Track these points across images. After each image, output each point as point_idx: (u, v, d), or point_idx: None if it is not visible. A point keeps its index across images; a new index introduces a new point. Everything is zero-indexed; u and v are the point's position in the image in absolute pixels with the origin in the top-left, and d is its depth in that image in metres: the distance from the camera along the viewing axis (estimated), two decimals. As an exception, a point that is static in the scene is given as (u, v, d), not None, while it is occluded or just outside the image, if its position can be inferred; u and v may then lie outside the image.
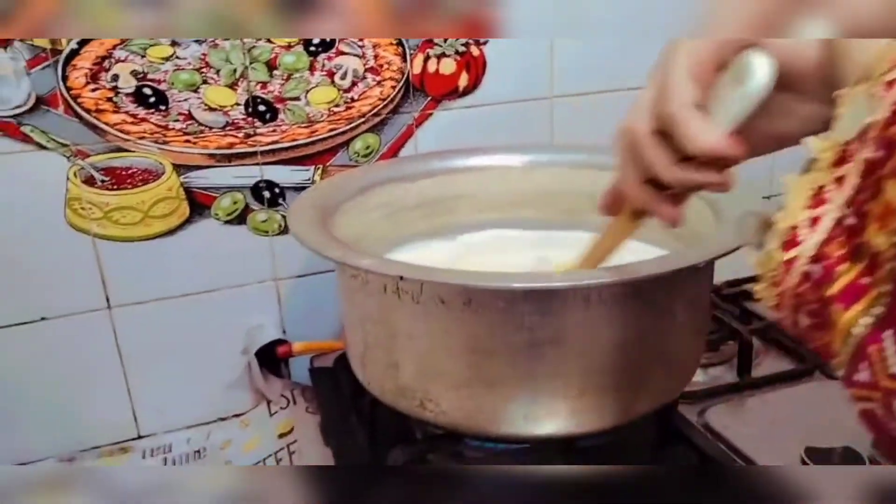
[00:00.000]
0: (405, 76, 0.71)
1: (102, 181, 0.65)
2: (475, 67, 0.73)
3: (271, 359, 0.72)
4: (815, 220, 0.28)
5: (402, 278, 0.43)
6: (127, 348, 0.70)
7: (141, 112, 0.65)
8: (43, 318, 0.67)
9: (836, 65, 0.31)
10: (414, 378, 0.48)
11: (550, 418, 0.46)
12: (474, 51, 0.73)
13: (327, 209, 0.57)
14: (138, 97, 0.64)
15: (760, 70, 0.32)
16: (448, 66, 0.72)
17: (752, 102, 0.32)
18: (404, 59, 0.71)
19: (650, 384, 0.48)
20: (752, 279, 0.47)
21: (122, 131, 0.65)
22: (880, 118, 0.26)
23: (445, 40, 0.71)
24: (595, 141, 0.76)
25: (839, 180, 0.28)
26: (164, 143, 0.66)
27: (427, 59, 0.72)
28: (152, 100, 0.65)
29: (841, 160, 0.28)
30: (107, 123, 0.64)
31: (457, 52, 0.72)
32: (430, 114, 0.73)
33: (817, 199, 0.28)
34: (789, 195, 0.29)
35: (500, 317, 0.44)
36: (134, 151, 0.66)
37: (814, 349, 0.29)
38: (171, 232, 0.69)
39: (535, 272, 0.42)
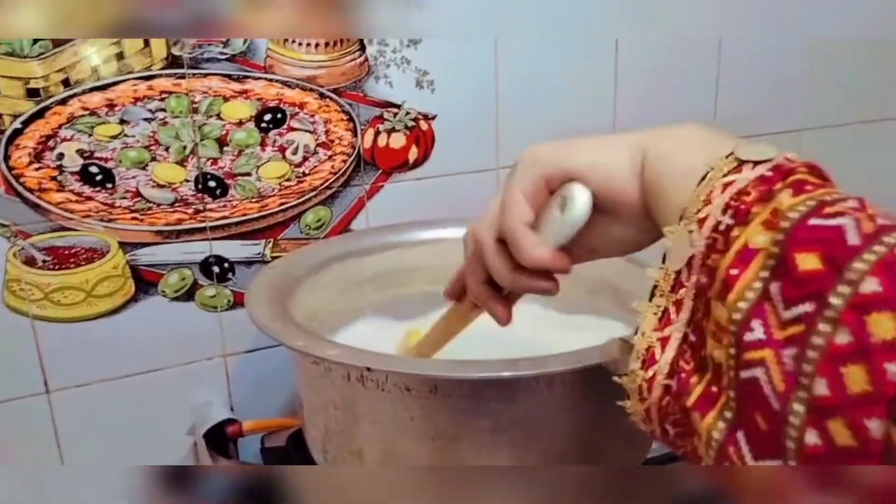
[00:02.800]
0: (356, 150, 0.72)
1: (44, 261, 0.63)
2: (424, 141, 0.75)
3: (219, 439, 0.70)
4: (665, 340, 0.33)
5: (369, 369, 0.43)
6: (66, 433, 0.67)
7: (86, 190, 0.63)
8: (-25, 406, 0.63)
9: (653, 201, 0.36)
10: (378, 464, 0.48)
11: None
12: (423, 125, 0.74)
13: (284, 288, 0.56)
14: (84, 175, 0.63)
15: (580, 202, 0.36)
16: (398, 140, 0.74)
17: (572, 228, 0.37)
18: (355, 134, 0.72)
19: (610, 458, 0.49)
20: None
21: (65, 210, 0.63)
22: (699, 250, 0.31)
23: (395, 115, 0.73)
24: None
25: (678, 304, 0.32)
26: (110, 220, 0.65)
27: (377, 133, 0.73)
28: (99, 178, 0.63)
29: (676, 286, 0.33)
30: (50, 202, 0.62)
31: (406, 127, 0.74)
32: (381, 186, 0.74)
33: (664, 321, 0.33)
34: (641, 320, 0.34)
35: (464, 403, 0.44)
36: (78, 230, 0.64)
37: (682, 455, 0.33)
38: (115, 311, 0.67)
39: (500, 360, 0.43)
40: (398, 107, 0.73)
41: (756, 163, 0.31)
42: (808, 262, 0.27)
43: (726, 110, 0.87)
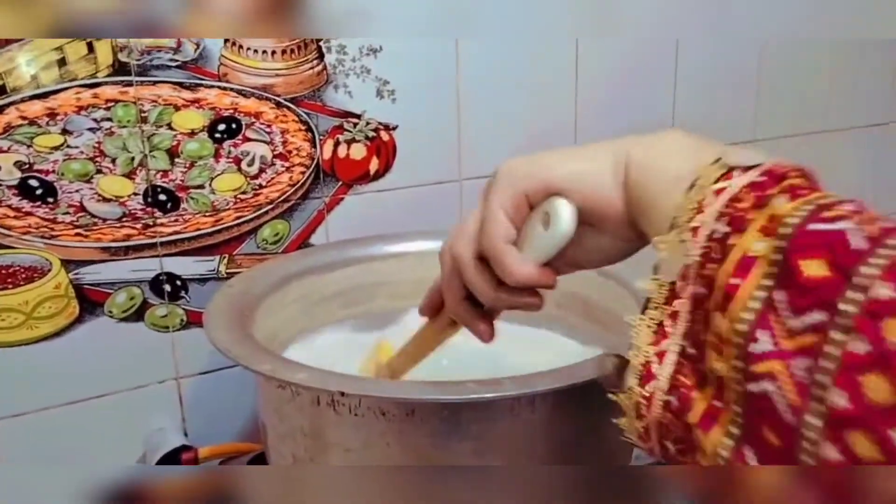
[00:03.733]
0: (315, 161, 0.70)
1: (-22, 282, 0.58)
2: (386, 152, 0.73)
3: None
4: (661, 354, 0.31)
5: (343, 394, 0.40)
6: (2, 468, 0.62)
7: (25, 205, 0.59)
8: None
9: (639, 211, 0.35)
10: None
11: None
12: (384, 136, 0.72)
13: (244, 308, 0.53)
14: (23, 189, 0.59)
15: (565, 217, 0.35)
16: (358, 151, 0.71)
17: (557, 243, 0.36)
18: (314, 145, 0.69)
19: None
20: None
21: (2, 227, 0.59)
22: (695, 260, 0.30)
23: (355, 126, 0.70)
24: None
25: (673, 316, 0.31)
26: (52, 237, 0.60)
27: (337, 144, 0.70)
28: (39, 192, 0.59)
29: (671, 297, 0.31)
30: (-16, 219, 0.58)
31: (367, 138, 0.71)
32: (342, 198, 0.72)
33: (659, 334, 0.31)
34: (635, 335, 0.32)
35: (444, 427, 0.42)
36: (16, 248, 0.59)
37: None
38: (58, 334, 0.62)
39: (481, 380, 0.41)
40: (358, 117, 0.71)
41: (746, 168, 0.31)
42: (812, 268, 0.26)
43: (685, 110, 0.88)
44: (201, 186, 0.65)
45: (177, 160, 0.64)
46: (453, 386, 0.41)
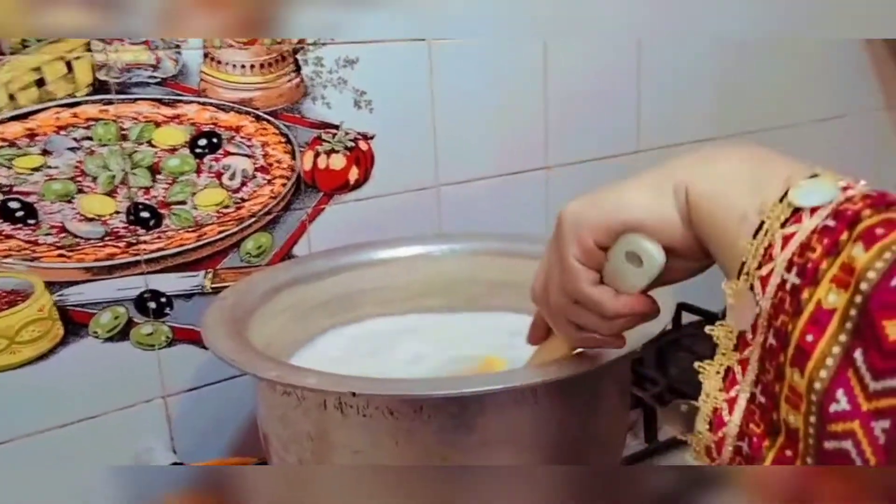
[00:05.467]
0: (296, 173, 0.70)
1: (-41, 308, 0.57)
2: (364, 161, 0.74)
3: (165, 485, 0.65)
4: (731, 401, 0.32)
5: (354, 394, 0.41)
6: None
7: (6, 228, 0.58)
8: None
9: (706, 244, 0.35)
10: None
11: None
12: (363, 145, 0.73)
13: (238, 320, 0.54)
14: (3, 212, 0.58)
15: (654, 254, 0.37)
16: (338, 161, 0.72)
17: (651, 277, 0.37)
18: (294, 157, 0.70)
19: (591, 460, 0.49)
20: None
21: (-17, 250, 0.58)
22: (765, 311, 0.30)
23: (334, 136, 0.71)
24: (479, 223, 0.80)
25: (743, 363, 0.32)
26: (34, 259, 0.60)
27: (317, 155, 0.71)
28: (19, 214, 0.58)
29: (741, 345, 0.32)
30: (-36, 243, 0.57)
31: (346, 148, 0.72)
32: (323, 209, 0.72)
33: (729, 380, 0.32)
34: (705, 380, 0.33)
35: (451, 422, 0.43)
36: (-2, 271, 0.58)
37: None
38: (42, 357, 0.61)
39: (487, 374, 0.42)
40: (336, 127, 0.71)
41: (814, 209, 0.30)
42: None
43: (650, 107, 0.91)
44: (183, 202, 0.65)
45: (158, 177, 0.64)
46: (459, 380, 0.42)
